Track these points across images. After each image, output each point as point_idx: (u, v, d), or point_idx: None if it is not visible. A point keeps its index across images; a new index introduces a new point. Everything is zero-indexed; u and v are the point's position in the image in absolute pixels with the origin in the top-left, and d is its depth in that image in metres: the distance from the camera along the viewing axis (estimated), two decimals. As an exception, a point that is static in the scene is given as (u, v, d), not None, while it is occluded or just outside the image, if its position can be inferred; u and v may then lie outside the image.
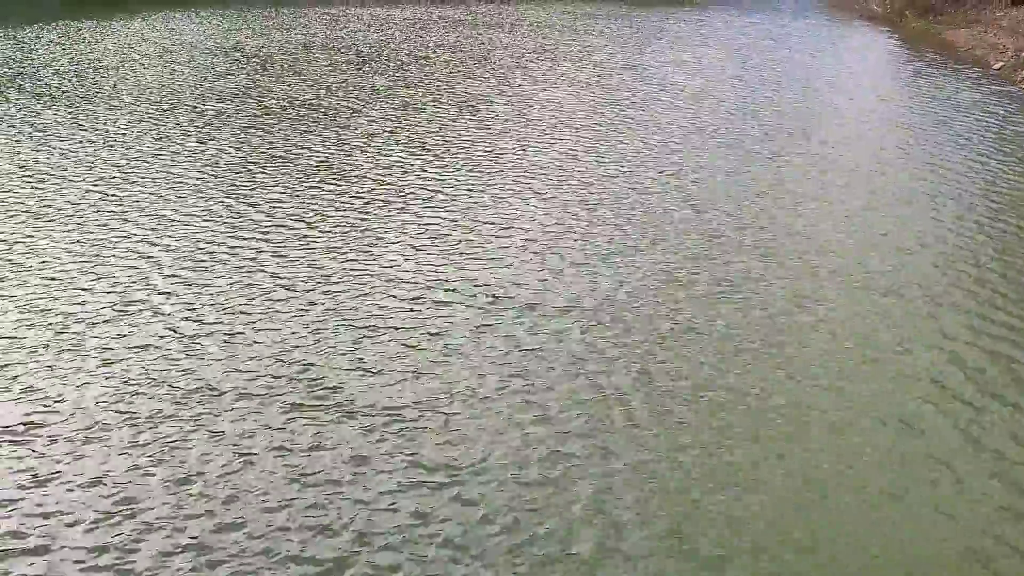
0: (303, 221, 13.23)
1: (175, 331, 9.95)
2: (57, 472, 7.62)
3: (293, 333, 9.95)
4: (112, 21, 31.79)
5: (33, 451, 7.89)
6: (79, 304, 10.55)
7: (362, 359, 9.41)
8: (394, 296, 10.86)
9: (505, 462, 7.83)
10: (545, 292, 10.98)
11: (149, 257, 11.89)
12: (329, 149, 16.86)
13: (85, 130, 17.93)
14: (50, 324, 10.07)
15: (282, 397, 8.72)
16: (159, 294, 10.84)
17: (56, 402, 8.60)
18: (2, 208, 13.60)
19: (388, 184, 14.88)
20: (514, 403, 8.70)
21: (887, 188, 15.30)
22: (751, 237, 12.83)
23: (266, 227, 12.97)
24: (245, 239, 12.53)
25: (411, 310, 10.51)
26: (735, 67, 25.87)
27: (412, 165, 15.92)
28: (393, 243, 12.44)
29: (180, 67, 24.27)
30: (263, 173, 15.42)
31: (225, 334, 9.91)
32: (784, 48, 29.60)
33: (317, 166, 15.83)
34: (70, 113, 19.21)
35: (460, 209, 13.77)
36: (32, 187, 14.54)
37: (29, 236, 12.54)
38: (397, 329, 10.04)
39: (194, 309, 10.48)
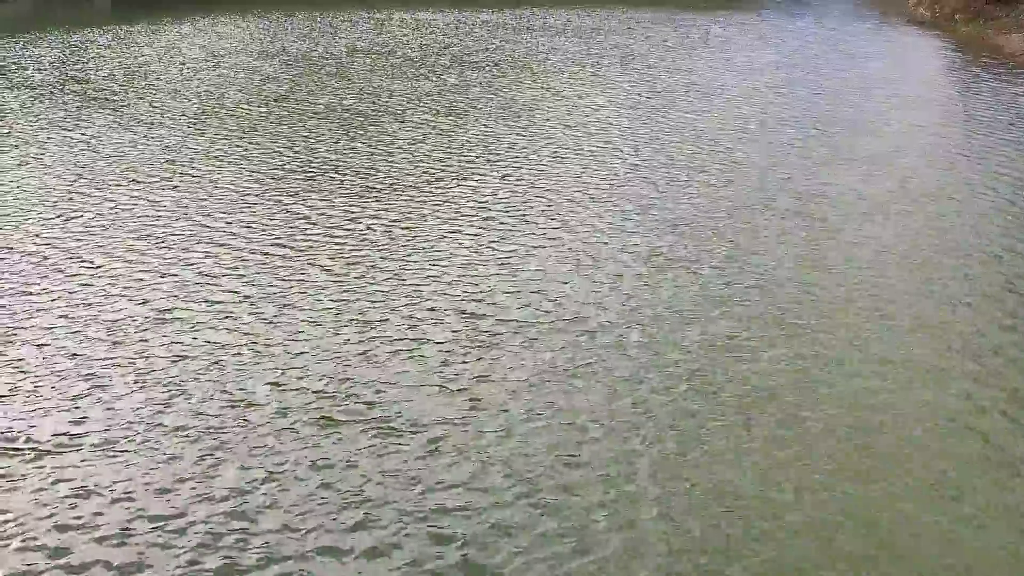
0: (346, 227, 13.23)
1: (214, 338, 9.96)
2: (94, 484, 7.61)
3: (332, 342, 9.91)
4: (161, 25, 32.12)
5: (71, 463, 7.88)
6: (122, 309, 10.61)
7: (401, 372, 9.29)
8: (436, 306, 10.78)
9: (546, 481, 7.74)
10: (591, 304, 10.87)
11: (193, 261, 11.94)
12: (372, 154, 16.87)
13: (133, 133, 18.09)
14: (92, 329, 10.13)
15: (319, 409, 8.66)
16: (202, 300, 10.87)
17: (96, 412, 8.62)
18: (51, 210, 13.73)
19: (431, 190, 14.85)
20: (556, 418, 8.60)
21: (945, 192, 15.05)
22: (806, 249, 12.62)
23: (309, 233, 12.98)
24: (287, 244, 12.55)
25: (453, 321, 10.44)
26: (786, 72, 25.58)
27: (456, 171, 15.88)
28: (436, 250, 12.38)
29: (226, 71, 24.44)
30: (307, 178, 15.46)
31: (265, 342, 9.90)
32: (834, 52, 29.21)
33: (361, 172, 15.84)
34: (118, 116, 19.41)
35: (505, 217, 13.70)
36: (80, 190, 14.68)
37: (76, 240, 12.65)
38: (437, 341, 9.95)
39: (235, 315, 10.49)
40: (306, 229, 13.10)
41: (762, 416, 8.60)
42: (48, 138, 17.71)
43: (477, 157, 16.73)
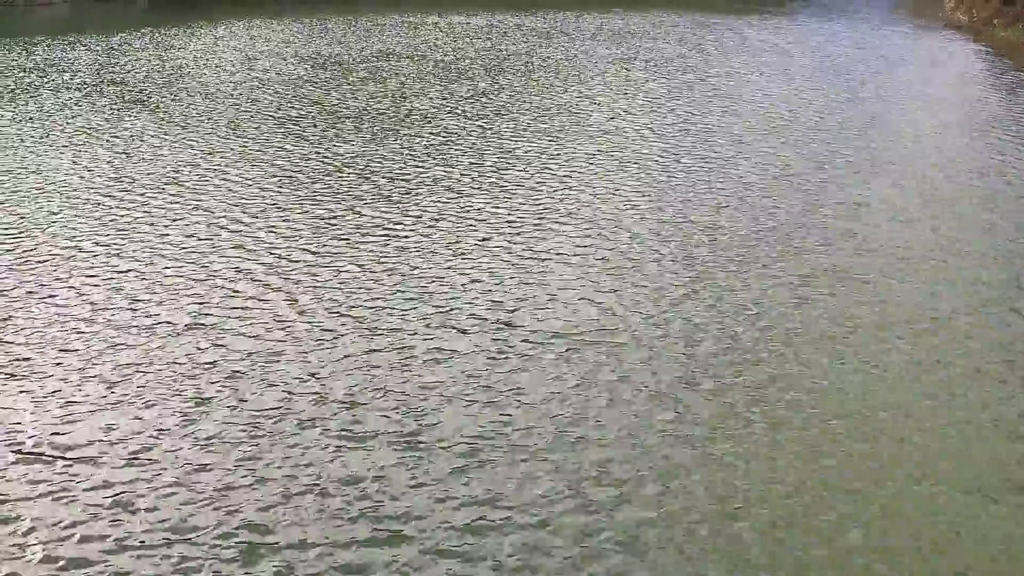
0: (379, 232, 13.23)
1: (244, 343, 9.97)
2: (116, 493, 7.56)
3: (356, 350, 9.87)
4: (197, 28, 32.41)
5: (93, 471, 7.83)
6: (155, 312, 10.66)
7: (426, 385, 9.18)
8: (462, 318, 10.71)
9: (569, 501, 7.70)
10: (625, 314, 10.81)
11: (226, 263, 11.99)
12: (405, 158, 16.88)
13: (167, 136, 18.23)
14: (126, 332, 10.19)
15: (340, 421, 8.59)
16: (233, 304, 10.91)
17: (124, 418, 8.65)
18: (87, 213, 13.84)
19: (464, 195, 14.84)
20: (575, 437, 8.57)
21: (978, 196, 14.87)
22: (840, 259, 12.50)
23: (341, 237, 13.00)
24: (320, 248, 12.57)
25: (479, 334, 10.36)
26: (821, 76, 25.41)
27: (489, 176, 15.86)
28: (468, 256, 12.36)
29: (261, 74, 24.61)
30: (340, 182, 15.49)
31: (290, 350, 9.91)
32: (872, 57, 28.99)
33: (393, 176, 15.85)
34: (153, 119, 19.57)
35: (538, 223, 13.65)
36: (116, 192, 14.79)
37: (112, 242, 12.74)
38: (464, 353, 9.87)
39: (265, 318, 10.53)
40: (338, 233, 13.12)
41: (765, 418, 8.53)
42: (85, 140, 17.88)
43: (510, 162, 16.69)
